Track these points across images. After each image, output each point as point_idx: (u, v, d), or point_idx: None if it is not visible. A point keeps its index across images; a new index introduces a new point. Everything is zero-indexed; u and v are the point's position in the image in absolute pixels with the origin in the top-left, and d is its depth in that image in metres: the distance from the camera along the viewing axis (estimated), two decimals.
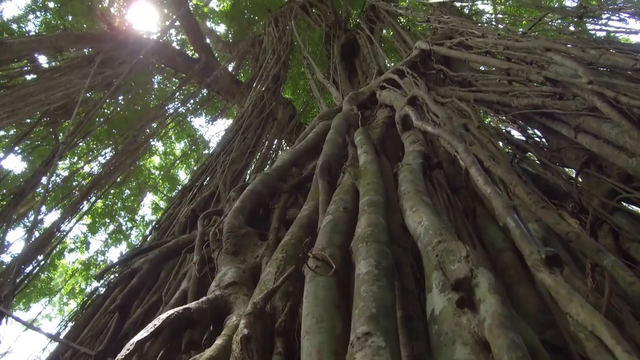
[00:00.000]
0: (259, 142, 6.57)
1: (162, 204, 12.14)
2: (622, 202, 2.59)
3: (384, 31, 9.33)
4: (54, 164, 5.19)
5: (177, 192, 7.33)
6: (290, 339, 1.24)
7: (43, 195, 5.40)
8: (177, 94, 10.08)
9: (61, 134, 8.60)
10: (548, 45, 3.13)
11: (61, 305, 12.57)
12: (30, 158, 9.15)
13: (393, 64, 6.05)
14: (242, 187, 2.70)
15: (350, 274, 1.25)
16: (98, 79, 7.36)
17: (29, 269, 5.48)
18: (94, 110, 7.05)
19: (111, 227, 11.52)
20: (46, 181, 6.49)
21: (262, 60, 8.66)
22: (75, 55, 8.54)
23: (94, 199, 7.96)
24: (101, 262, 11.44)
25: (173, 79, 11.18)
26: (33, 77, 7.80)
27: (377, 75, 5.26)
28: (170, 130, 11.13)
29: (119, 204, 11.49)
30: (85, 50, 8.65)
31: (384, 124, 3.13)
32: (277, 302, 1.32)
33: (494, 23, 8.48)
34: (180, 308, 1.42)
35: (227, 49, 11.43)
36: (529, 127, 3.72)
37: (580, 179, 2.90)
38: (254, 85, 7.90)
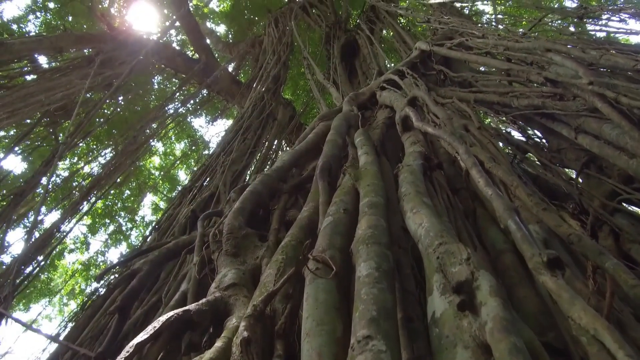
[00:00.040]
0: (259, 142, 6.56)
1: (162, 205, 12.14)
2: (623, 203, 2.59)
3: (384, 32, 9.32)
4: (54, 164, 5.19)
5: (177, 192, 7.33)
6: (290, 341, 1.24)
7: (43, 196, 5.40)
8: (177, 94, 10.08)
9: (61, 135, 8.60)
10: (548, 46, 3.12)
11: (61, 306, 12.57)
12: (30, 158, 9.15)
13: (393, 65, 6.05)
14: (242, 188, 2.70)
15: (351, 276, 1.25)
16: (98, 80, 7.36)
17: (29, 270, 5.47)
18: (94, 111, 7.04)
19: (111, 228, 11.53)
20: (46, 182, 6.49)
21: (262, 61, 8.66)
22: (75, 55, 8.54)
23: (94, 199, 7.96)
24: (101, 263, 11.44)
25: (173, 80, 11.18)
26: (33, 77, 7.80)
27: (377, 75, 5.26)
28: (170, 130, 11.13)
29: (119, 205, 11.49)
30: (85, 50, 8.65)
31: (384, 124, 3.13)
32: (277, 305, 1.32)
33: (494, 24, 8.48)
34: (180, 310, 1.41)
35: (227, 50, 11.43)
36: (529, 128, 3.72)
37: (580, 180, 2.90)
38: (254, 85, 7.90)
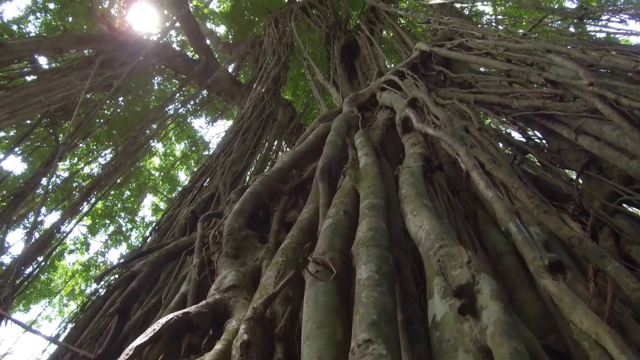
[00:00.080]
0: (259, 143, 6.56)
1: (162, 205, 12.15)
2: (623, 204, 2.58)
3: (384, 32, 9.32)
4: (54, 165, 5.19)
5: (177, 193, 7.33)
6: (290, 344, 1.23)
7: (43, 197, 5.39)
8: (177, 95, 10.08)
9: (61, 135, 8.60)
10: (549, 47, 3.12)
11: (61, 307, 12.57)
12: (30, 159, 9.15)
13: (393, 65, 6.04)
14: (242, 189, 2.69)
15: (351, 279, 1.24)
16: (98, 80, 7.36)
17: (28, 270, 5.46)
18: (94, 112, 7.04)
19: (111, 228, 11.53)
20: (46, 182, 6.48)
21: (262, 62, 8.66)
22: (75, 56, 8.54)
23: (94, 200, 7.96)
24: (101, 264, 11.44)
25: (173, 80, 11.19)
26: (33, 78, 7.80)
27: (377, 76, 5.26)
28: (170, 131, 11.13)
29: (119, 205, 11.49)
30: (85, 51, 8.66)
31: (384, 125, 3.13)
32: (277, 307, 1.32)
33: (494, 24, 8.47)
34: (179, 312, 1.41)
35: (227, 50, 11.43)
36: (529, 129, 3.71)
37: (580, 181, 2.89)
38: (254, 86, 7.90)
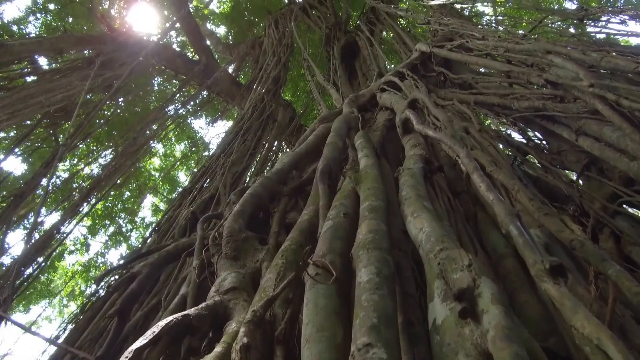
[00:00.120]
0: (259, 144, 6.56)
1: (162, 206, 12.15)
2: (624, 206, 2.58)
3: (384, 33, 9.31)
4: (54, 165, 5.19)
5: (177, 194, 7.33)
6: (290, 346, 1.23)
7: (43, 197, 5.39)
8: (177, 95, 10.08)
9: (61, 136, 8.60)
10: (549, 48, 3.12)
11: (61, 307, 12.57)
12: (30, 160, 9.15)
13: (393, 66, 6.04)
14: (242, 191, 2.69)
15: (351, 281, 1.24)
16: (98, 81, 7.36)
17: (29, 271, 5.46)
18: (94, 112, 7.04)
19: (111, 229, 11.53)
20: (46, 183, 6.48)
21: (262, 62, 8.66)
22: (75, 57, 8.55)
23: (94, 200, 7.96)
24: (101, 264, 11.43)
25: (173, 81, 11.19)
26: (33, 78, 7.80)
27: (377, 77, 5.26)
28: (170, 132, 11.13)
29: (119, 206, 11.49)
30: (85, 52, 8.66)
31: (384, 126, 3.13)
32: (277, 310, 1.31)
33: (494, 25, 8.47)
34: (179, 314, 1.40)
35: (228, 51, 11.43)
36: (529, 130, 3.71)
37: (581, 182, 2.88)
38: (254, 87, 7.90)
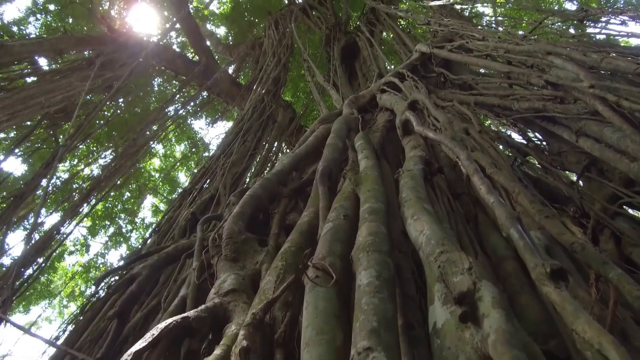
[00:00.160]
0: (259, 144, 6.56)
1: (162, 207, 12.15)
2: (624, 207, 2.58)
3: (384, 34, 9.31)
4: (54, 166, 5.19)
5: (177, 194, 7.32)
6: (290, 349, 1.22)
7: (43, 198, 5.38)
8: (178, 96, 10.08)
9: (61, 137, 8.60)
10: (549, 49, 3.12)
11: (61, 308, 12.57)
12: (30, 160, 9.15)
13: (393, 67, 6.04)
14: (241, 192, 2.68)
15: (351, 284, 1.24)
16: (98, 82, 7.36)
17: (28, 272, 5.47)
18: (94, 113, 7.05)
19: (111, 230, 11.52)
20: (46, 184, 6.48)
21: (262, 63, 8.66)
22: (75, 57, 8.55)
23: (94, 201, 7.96)
24: (101, 265, 11.43)
25: (173, 82, 11.20)
26: (33, 79, 7.80)
27: (377, 78, 5.26)
28: (170, 132, 11.13)
29: (119, 207, 11.49)
30: (85, 52, 8.66)
31: (384, 127, 3.12)
32: (277, 312, 1.31)
33: (494, 26, 8.47)
34: (178, 317, 1.40)
35: (228, 52, 11.44)
36: (529, 131, 3.71)
37: (581, 183, 2.88)
38: (254, 87, 7.90)
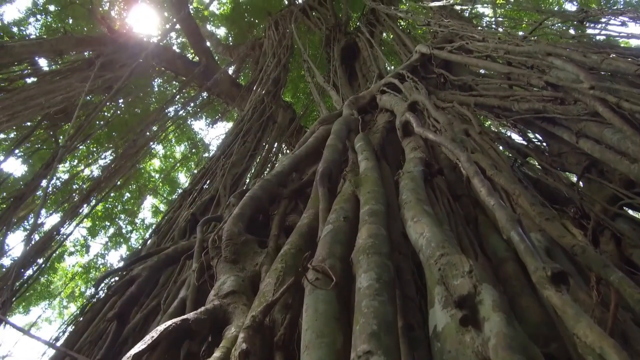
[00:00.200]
0: (259, 145, 6.56)
1: (162, 207, 12.14)
2: (624, 208, 2.58)
3: (384, 34, 9.31)
4: (54, 167, 5.19)
5: (177, 195, 7.31)
6: (290, 351, 1.22)
7: (43, 199, 5.37)
8: (178, 97, 10.09)
9: (61, 137, 8.60)
10: (549, 50, 3.11)
11: (61, 309, 12.56)
12: (31, 161, 9.14)
13: (393, 68, 6.04)
14: (241, 193, 2.68)
15: (351, 286, 1.23)
16: (98, 82, 7.36)
17: (28, 273, 5.46)
18: (94, 114, 7.05)
19: (111, 230, 11.52)
20: (46, 184, 6.49)
21: (262, 64, 8.66)
22: (75, 58, 8.55)
23: (94, 202, 7.96)
24: (101, 265, 11.42)
25: (173, 82, 11.20)
26: (33, 80, 7.80)
27: (377, 79, 5.26)
28: (170, 133, 11.13)
29: (119, 207, 11.49)
30: (85, 53, 8.66)
31: (384, 128, 3.12)
32: (277, 315, 1.30)
33: (494, 26, 8.47)
34: (178, 319, 1.40)
35: (228, 52, 11.44)
36: (529, 132, 3.71)
37: (581, 184, 2.88)
38: (254, 88, 7.90)
